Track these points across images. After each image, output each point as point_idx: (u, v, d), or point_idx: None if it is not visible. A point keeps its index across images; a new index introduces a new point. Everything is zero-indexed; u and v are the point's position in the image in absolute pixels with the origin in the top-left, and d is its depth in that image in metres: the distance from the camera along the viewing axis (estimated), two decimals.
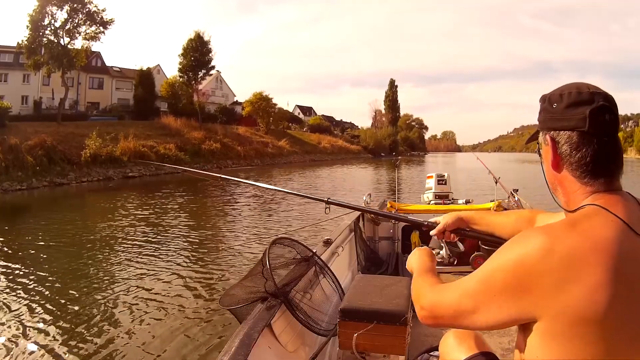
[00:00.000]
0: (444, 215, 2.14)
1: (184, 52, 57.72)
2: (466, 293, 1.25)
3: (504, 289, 1.15)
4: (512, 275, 1.13)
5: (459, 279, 1.33)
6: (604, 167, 1.24)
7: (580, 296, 1.05)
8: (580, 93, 1.26)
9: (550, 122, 1.32)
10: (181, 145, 46.27)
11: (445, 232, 2.12)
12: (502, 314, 1.16)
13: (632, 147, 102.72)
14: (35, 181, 28.25)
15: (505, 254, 1.19)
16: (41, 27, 41.40)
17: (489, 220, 2.02)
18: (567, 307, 1.06)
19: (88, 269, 9.85)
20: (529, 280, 1.11)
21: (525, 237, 1.19)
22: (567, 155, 1.26)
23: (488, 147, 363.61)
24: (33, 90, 50.97)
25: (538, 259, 1.10)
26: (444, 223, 2.10)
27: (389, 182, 33.66)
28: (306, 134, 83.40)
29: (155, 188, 27.71)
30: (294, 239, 3.16)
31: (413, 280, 1.61)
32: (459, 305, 1.27)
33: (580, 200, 1.25)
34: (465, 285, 1.27)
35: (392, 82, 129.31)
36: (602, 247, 1.09)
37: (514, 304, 1.13)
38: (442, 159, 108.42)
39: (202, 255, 11.13)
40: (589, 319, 1.05)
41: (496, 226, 1.98)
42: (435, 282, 1.49)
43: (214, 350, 5.78)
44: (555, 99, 1.31)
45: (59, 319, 7.02)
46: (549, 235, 1.14)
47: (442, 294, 1.36)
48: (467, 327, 1.28)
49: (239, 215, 18.21)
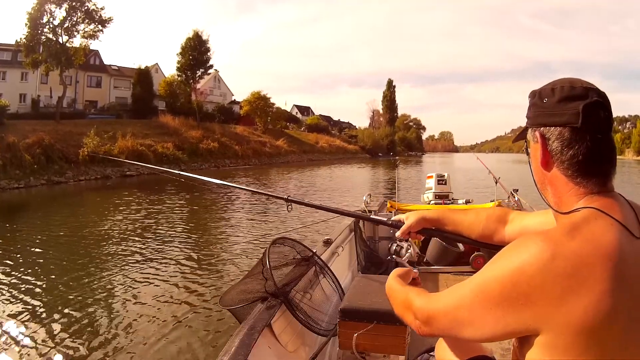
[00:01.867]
0: (408, 215, 2.03)
1: (183, 51, 57.77)
2: (461, 303, 1.18)
3: (502, 300, 1.07)
4: (510, 286, 1.06)
5: (458, 278, 1.30)
6: (597, 166, 1.18)
7: (586, 305, 0.99)
8: (574, 88, 1.20)
9: (540, 118, 1.25)
10: (179, 144, 46.27)
11: (410, 232, 2.02)
12: (499, 327, 1.10)
13: (629, 149, 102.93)
14: (33, 179, 28.25)
15: (502, 262, 1.12)
16: (40, 25, 41.38)
17: (456, 219, 1.92)
18: (572, 318, 1.00)
19: (86, 268, 9.80)
20: (529, 291, 1.04)
21: (523, 244, 1.11)
22: (558, 152, 1.20)
23: (485, 148, 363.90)
24: (31, 88, 50.75)
25: (539, 268, 1.03)
26: (408, 224, 1.99)
27: (387, 182, 33.72)
28: (304, 134, 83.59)
29: (154, 187, 27.75)
30: (294, 239, 3.16)
31: (395, 292, 1.58)
32: (455, 315, 1.19)
33: (572, 201, 1.20)
34: (461, 293, 1.19)
35: (389, 82, 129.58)
36: (605, 252, 1.03)
37: (513, 316, 1.06)
38: (439, 159, 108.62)
39: (201, 254, 11.10)
40: (595, 329, 0.99)
41: (464, 225, 1.88)
42: (422, 291, 1.44)
43: (214, 350, 5.77)
44: (546, 94, 1.24)
45: (56, 320, 6.98)
46: (549, 241, 1.07)
47: (436, 303, 1.28)
48: (463, 338, 1.22)
49: (238, 214, 18.23)
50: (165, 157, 42.30)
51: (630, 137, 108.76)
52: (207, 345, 6.04)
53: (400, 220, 2.05)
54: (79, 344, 6.11)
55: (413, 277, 1.80)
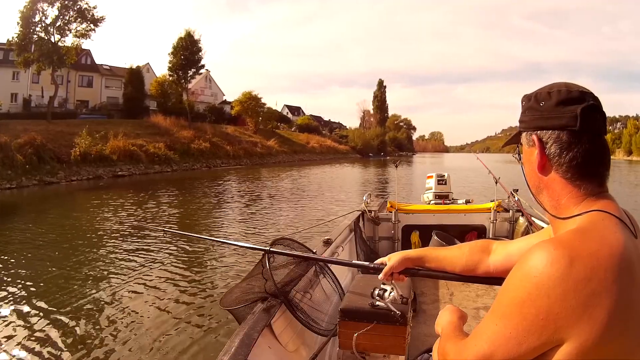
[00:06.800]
0: (390, 257, 1.99)
1: (174, 50, 57.51)
2: (492, 348, 1.09)
3: (524, 324, 1.03)
4: (529, 305, 1.02)
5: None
6: (595, 168, 1.18)
7: (608, 307, 0.97)
8: (570, 91, 1.20)
9: (537, 121, 1.24)
10: (170, 144, 46.12)
11: (393, 274, 1.98)
12: (521, 350, 1.04)
13: (620, 149, 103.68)
14: (25, 180, 28.02)
15: (515, 282, 1.07)
16: (32, 23, 41.25)
17: (439, 255, 1.89)
18: (595, 323, 0.97)
19: (81, 270, 9.70)
20: (550, 305, 0.99)
21: (535, 256, 1.05)
22: (557, 156, 1.19)
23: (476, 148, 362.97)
24: (22, 87, 50.65)
25: (559, 277, 0.99)
26: (390, 265, 1.95)
27: (379, 182, 33.74)
28: (295, 134, 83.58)
29: (146, 187, 27.68)
30: (294, 239, 3.16)
31: (440, 343, 1.52)
32: (492, 357, 1.09)
33: (572, 204, 1.19)
34: (488, 336, 1.11)
35: (380, 83, 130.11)
36: (618, 252, 1.01)
37: (538, 336, 1.02)
38: (430, 159, 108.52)
39: (199, 254, 11.01)
40: (616, 331, 0.97)
41: (447, 261, 1.86)
42: (457, 338, 1.39)
43: (214, 350, 5.75)
44: (542, 97, 1.24)
45: (51, 322, 6.87)
46: (564, 247, 1.03)
47: (467, 353, 1.18)
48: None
49: (235, 214, 18.15)
50: (157, 158, 42.24)
51: (620, 137, 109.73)
52: (207, 345, 6.01)
53: (382, 262, 2.03)
54: (74, 346, 6.05)
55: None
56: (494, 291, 4.31)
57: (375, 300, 2.60)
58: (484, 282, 1.83)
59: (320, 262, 3.35)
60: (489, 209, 6.59)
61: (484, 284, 1.89)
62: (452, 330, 1.48)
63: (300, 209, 18.83)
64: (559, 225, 1.24)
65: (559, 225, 1.24)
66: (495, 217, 6.57)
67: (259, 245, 2.90)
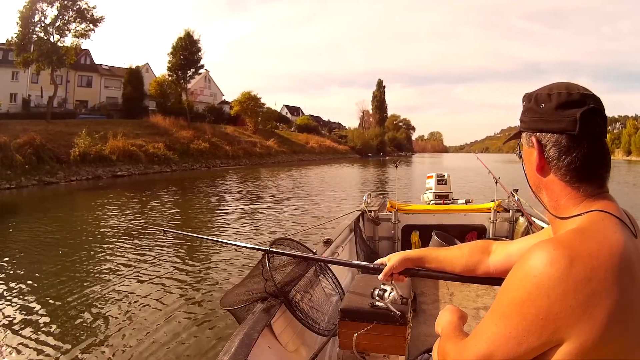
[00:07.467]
0: (390, 257, 1.99)
1: (174, 50, 57.43)
2: (491, 348, 1.09)
3: (524, 324, 1.03)
4: (529, 305, 1.02)
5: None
6: (594, 171, 1.17)
7: (609, 307, 0.96)
8: (570, 94, 1.18)
9: (537, 123, 1.23)
10: (170, 144, 46.18)
11: (393, 274, 1.98)
12: (521, 350, 1.04)
13: (619, 149, 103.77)
14: (24, 180, 28.05)
15: (515, 282, 1.07)
16: (31, 23, 41.21)
17: (439, 255, 1.89)
18: (596, 323, 0.96)
19: (80, 270, 9.71)
20: (549, 305, 0.99)
21: (535, 256, 1.05)
22: (555, 159, 1.19)
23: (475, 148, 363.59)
24: (22, 87, 50.58)
25: (559, 277, 0.99)
26: (390, 266, 1.95)
27: (378, 182, 33.71)
28: (294, 134, 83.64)
29: (146, 187, 27.73)
30: (294, 240, 3.15)
31: (440, 343, 1.52)
32: (492, 357, 1.09)
33: (571, 204, 1.18)
34: (488, 336, 1.11)
35: (379, 83, 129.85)
36: (618, 251, 1.01)
37: (537, 336, 1.01)
38: (429, 159, 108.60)
39: (199, 254, 10.99)
40: (616, 331, 0.97)
41: (447, 261, 1.85)
42: (457, 338, 1.39)
43: (214, 350, 5.76)
44: (542, 99, 1.22)
45: (50, 322, 6.88)
46: (563, 247, 1.02)
47: (467, 354, 1.19)
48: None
49: (235, 214, 18.11)
50: (157, 158, 42.29)
51: (620, 137, 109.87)
52: (207, 345, 6.01)
53: (382, 263, 2.03)
54: (74, 346, 6.04)
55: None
56: (494, 291, 4.31)
57: (375, 301, 2.59)
58: (484, 283, 1.82)
59: (320, 262, 3.35)
60: (489, 209, 6.59)
61: (484, 284, 1.88)
62: (452, 330, 1.48)
63: (299, 209, 18.81)
64: (559, 225, 1.23)
65: (558, 225, 1.24)
66: (495, 217, 6.56)
67: (258, 246, 2.90)
